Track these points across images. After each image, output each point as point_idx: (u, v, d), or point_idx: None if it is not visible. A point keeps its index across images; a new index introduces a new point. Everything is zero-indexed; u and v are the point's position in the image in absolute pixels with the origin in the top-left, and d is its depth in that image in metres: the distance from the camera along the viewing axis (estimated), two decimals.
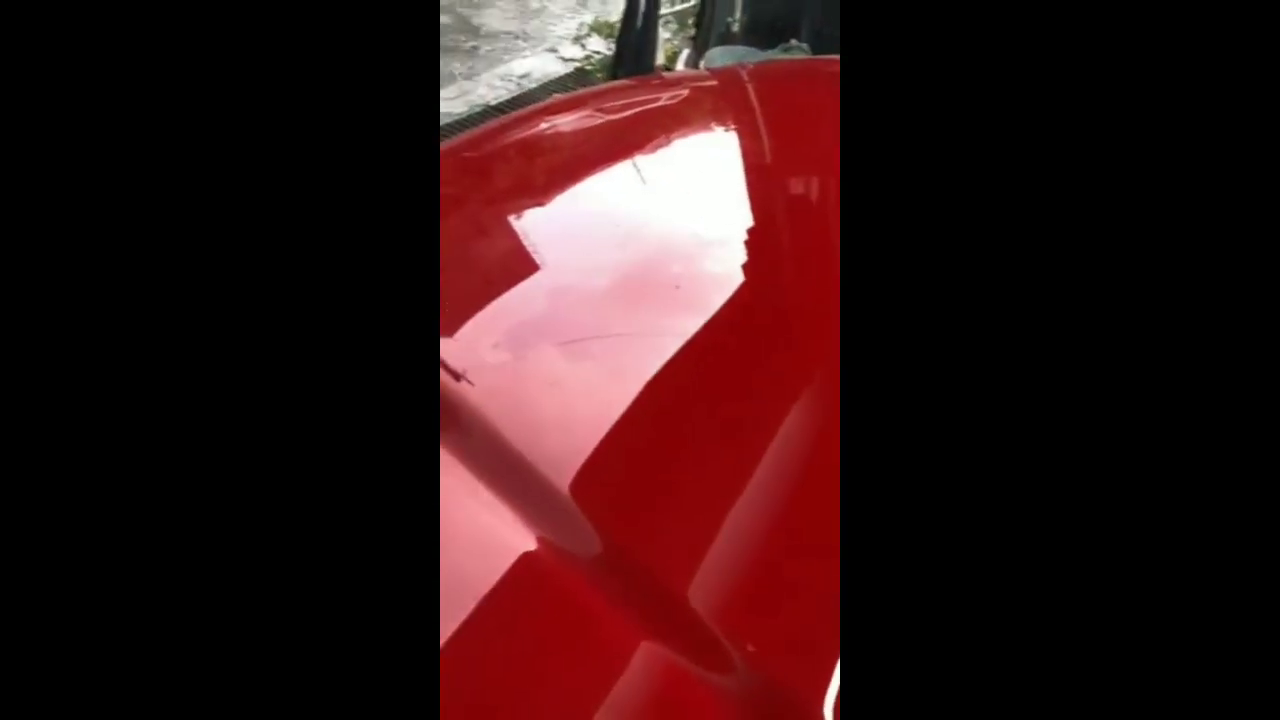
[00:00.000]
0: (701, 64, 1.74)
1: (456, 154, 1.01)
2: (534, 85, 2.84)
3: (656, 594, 0.54)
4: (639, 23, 1.80)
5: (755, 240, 0.85)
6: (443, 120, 2.67)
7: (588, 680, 0.51)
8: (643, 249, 0.83)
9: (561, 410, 0.64)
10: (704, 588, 0.52)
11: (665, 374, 0.65)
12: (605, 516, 0.55)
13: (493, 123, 1.09)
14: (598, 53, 3.02)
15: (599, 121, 1.14)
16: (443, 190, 0.93)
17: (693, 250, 0.82)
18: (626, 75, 1.84)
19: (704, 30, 1.89)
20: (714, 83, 1.26)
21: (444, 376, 0.65)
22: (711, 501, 0.56)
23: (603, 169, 0.99)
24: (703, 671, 0.49)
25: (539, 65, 2.96)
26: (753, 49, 1.80)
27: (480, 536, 0.56)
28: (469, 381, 0.65)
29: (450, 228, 0.89)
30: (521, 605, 0.54)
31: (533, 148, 1.06)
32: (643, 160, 1.02)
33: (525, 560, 0.54)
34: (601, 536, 0.55)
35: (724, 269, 0.78)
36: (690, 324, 0.68)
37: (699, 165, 1.00)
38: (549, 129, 1.11)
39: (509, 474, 0.58)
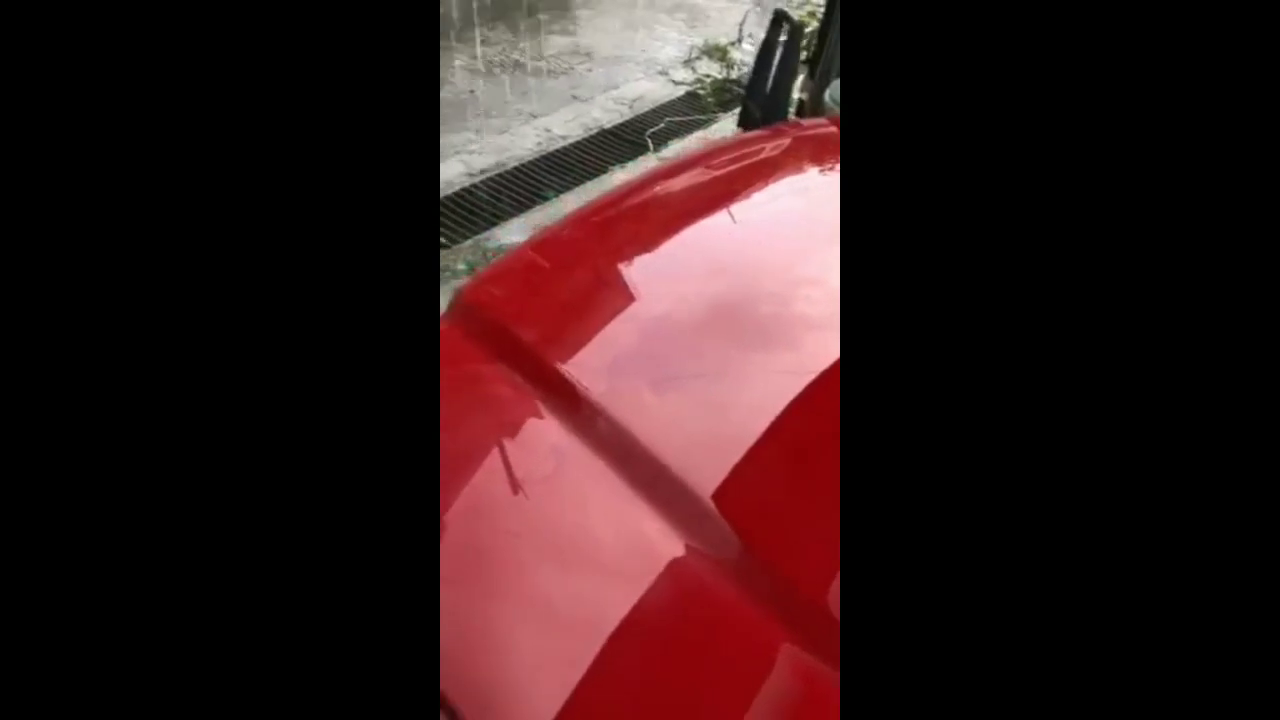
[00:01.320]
0: (826, 96, 1.74)
1: (594, 216, 1.10)
2: (646, 110, 2.89)
3: (794, 597, 0.57)
4: (771, 75, 1.79)
5: None
6: (561, 143, 2.75)
7: (730, 676, 0.55)
8: (766, 291, 0.91)
9: (705, 430, 0.72)
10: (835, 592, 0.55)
11: (795, 399, 0.72)
12: (745, 523, 0.61)
13: (648, 175, 1.17)
14: (708, 76, 3.05)
15: (724, 176, 1.20)
16: (579, 248, 1.06)
17: (814, 293, 0.89)
18: (756, 121, 1.84)
19: (825, 59, 1.89)
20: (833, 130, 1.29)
21: (604, 402, 0.74)
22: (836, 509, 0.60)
23: (724, 221, 1.10)
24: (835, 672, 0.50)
25: (650, 89, 3.01)
26: None
27: (634, 541, 0.63)
28: (625, 408, 0.74)
29: (593, 281, 1.00)
30: (671, 602, 0.60)
31: (661, 205, 1.15)
32: (760, 212, 1.11)
33: (674, 563, 0.61)
34: (742, 540, 0.60)
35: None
36: (813, 354, 0.76)
37: (813, 215, 1.06)
38: (688, 184, 1.18)
39: (660, 486, 0.65)
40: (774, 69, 1.81)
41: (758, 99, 1.87)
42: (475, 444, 0.77)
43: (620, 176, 2.57)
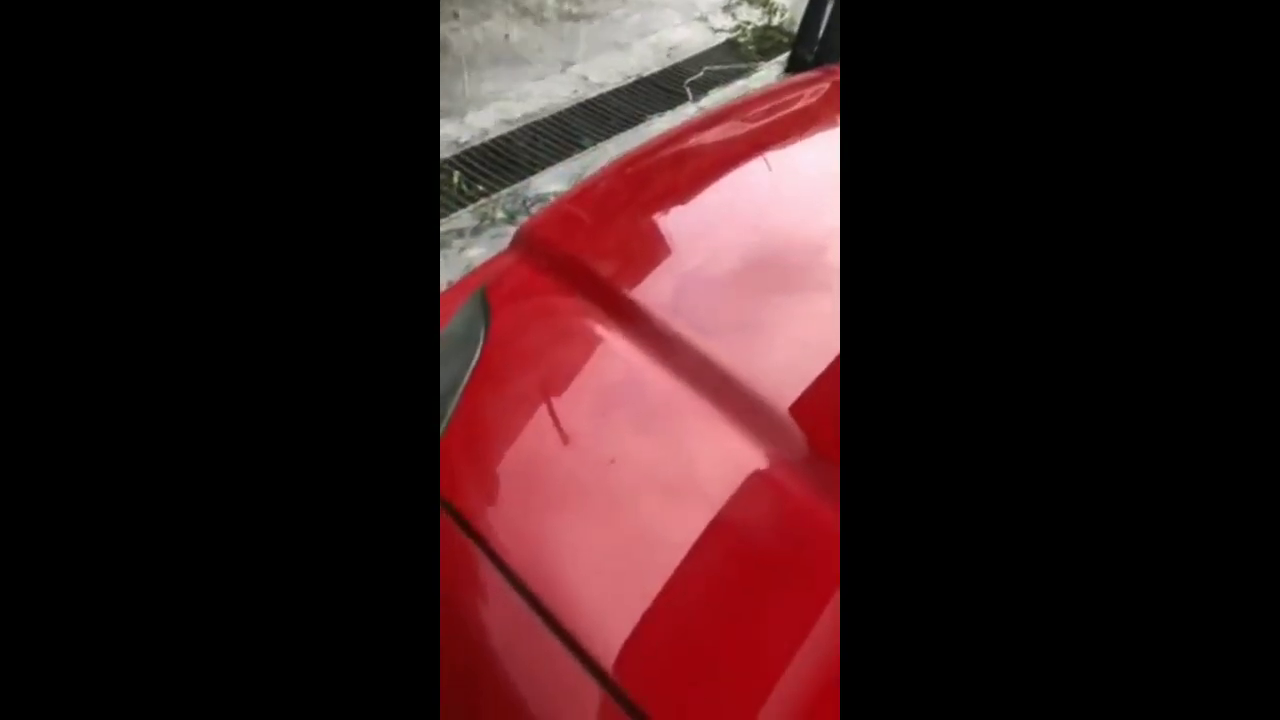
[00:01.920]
0: None
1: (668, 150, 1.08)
2: (684, 58, 2.83)
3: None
4: (825, 17, 1.75)
5: None
6: (599, 91, 2.70)
7: (812, 576, 0.59)
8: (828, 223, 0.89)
9: (772, 345, 0.77)
10: None
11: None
12: (814, 427, 0.66)
13: (694, 121, 1.17)
14: (749, 23, 2.98)
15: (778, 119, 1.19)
16: (641, 185, 1.07)
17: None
18: (806, 64, 1.80)
19: None
20: None
21: (676, 324, 0.78)
22: None
23: (783, 158, 1.10)
24: None
25: (689, 35, 2.94)
26: None
27: (718, 453, 0.68)
28: (696, 329, 0.77)
29: (656, 215, 1.02)
30: (761, 511, 0.64)
31: (720, 145, 1.16)
32: (816, 149, 1.10)
33: (758, 473, 0.66)
34: (810, 443, 0.66)
35: None
36: None
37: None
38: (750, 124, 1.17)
39: (741, 400, 0.70)
40: (828, 9, 1.76)
41: (809, 43, 1.83)
42: (554, 370, 0.77)
43: (659, 125, 2.52)
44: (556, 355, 0.79)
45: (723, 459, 0.66)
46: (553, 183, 2.33)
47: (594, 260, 0.88)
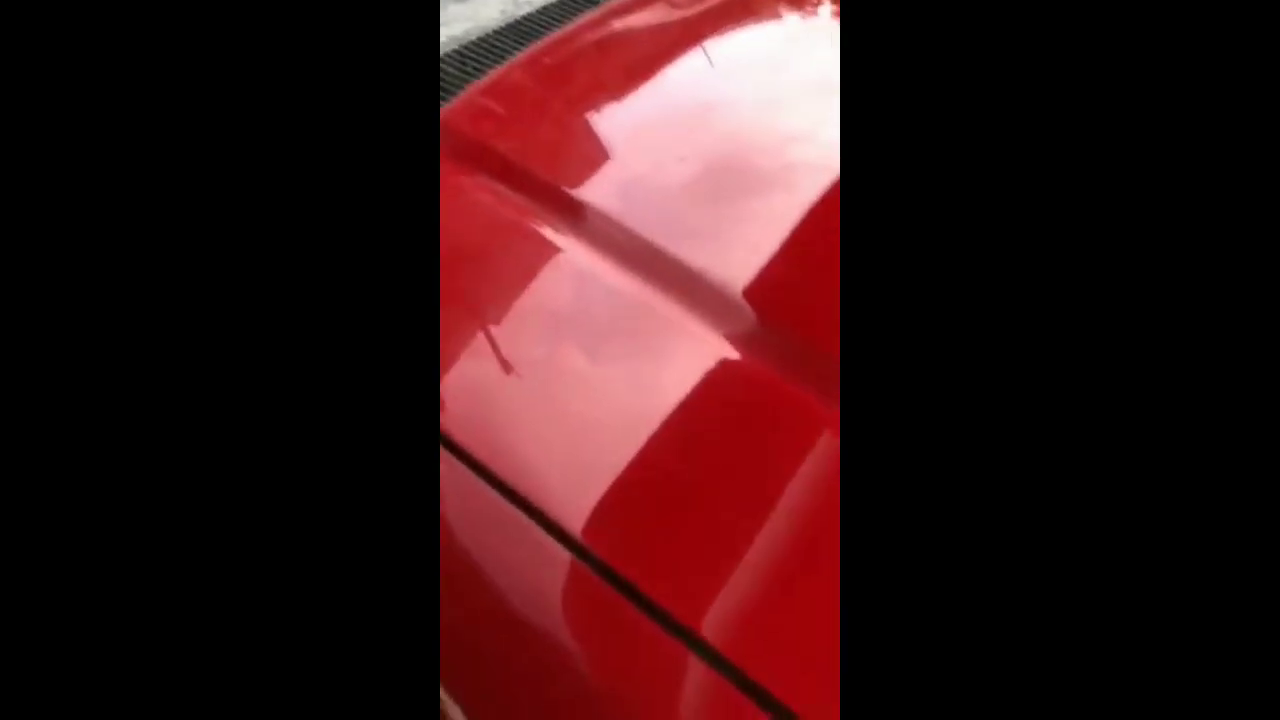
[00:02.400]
0: None
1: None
2: None
3: (812, 359, 0.62)
4: None
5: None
6: (529, 8, 2.59)
7: (764, 441, 0.60)
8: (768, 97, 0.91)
9: (704, 218, 0.76)
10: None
11: (790, 185, 0.77)
12: (759, 297, 0.67)
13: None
14: None
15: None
16: (561, 71, 1.04)
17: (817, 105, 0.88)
18: None
19: None
20: None
21: (607, 205, 0.77)
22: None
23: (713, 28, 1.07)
24: None
25: None
26: None
27: (650, 325, 0.68)
28: (624, 209, 0.77)
29: (580, 98, 0.99)
30: (702, 380, 0.64)
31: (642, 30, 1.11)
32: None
33: (697, 342, 0.66)
34: (758, 314, 0.66)
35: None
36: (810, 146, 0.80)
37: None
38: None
39: (693, 283, 0.69)
40: None
41: None
42: (486, 261, 0.76)
43: None
44: (478, 244, 0.78)
45: (677, 342, 0.67)
46: None
47: (511, 145, 0.85)
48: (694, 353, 0.65)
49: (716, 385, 0.64)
